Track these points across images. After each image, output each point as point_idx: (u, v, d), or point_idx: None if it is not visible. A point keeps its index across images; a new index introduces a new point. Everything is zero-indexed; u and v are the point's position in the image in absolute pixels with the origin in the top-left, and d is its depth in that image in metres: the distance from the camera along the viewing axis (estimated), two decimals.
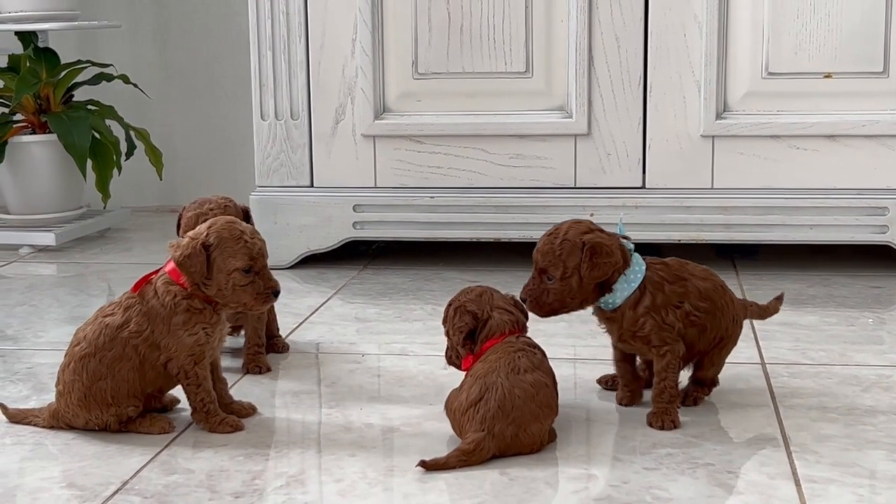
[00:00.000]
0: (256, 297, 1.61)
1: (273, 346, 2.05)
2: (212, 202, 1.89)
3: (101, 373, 1.62)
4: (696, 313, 1.65)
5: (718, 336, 1.69)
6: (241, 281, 1.60)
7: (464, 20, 2.55)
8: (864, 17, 2.44)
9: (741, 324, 1.73)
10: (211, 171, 3.45)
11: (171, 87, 3.44)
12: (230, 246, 1.59)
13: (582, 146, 2.55)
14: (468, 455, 1.48)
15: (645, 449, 1.56)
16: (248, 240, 1.60)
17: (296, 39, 2.60)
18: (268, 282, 1.62)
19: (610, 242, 1.62)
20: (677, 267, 1.68)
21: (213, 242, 1.59)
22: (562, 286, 1.62)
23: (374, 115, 2.60)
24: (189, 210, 1.90)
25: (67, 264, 2.82)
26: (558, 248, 1.61)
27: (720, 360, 1.73)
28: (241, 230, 1.61)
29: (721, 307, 1.68)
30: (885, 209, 2.47)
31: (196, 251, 1.59)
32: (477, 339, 1.63)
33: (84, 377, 1.62)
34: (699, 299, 1.66)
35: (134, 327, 1.62)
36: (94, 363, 1.62)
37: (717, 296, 1.68)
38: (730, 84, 2.51)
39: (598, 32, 2.51)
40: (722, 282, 1.71)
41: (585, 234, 1.62)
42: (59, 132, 2.92)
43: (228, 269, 1.59)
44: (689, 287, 1.66)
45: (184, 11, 3.40)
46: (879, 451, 1.54)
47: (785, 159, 2.51)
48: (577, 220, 1.65)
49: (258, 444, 1.60)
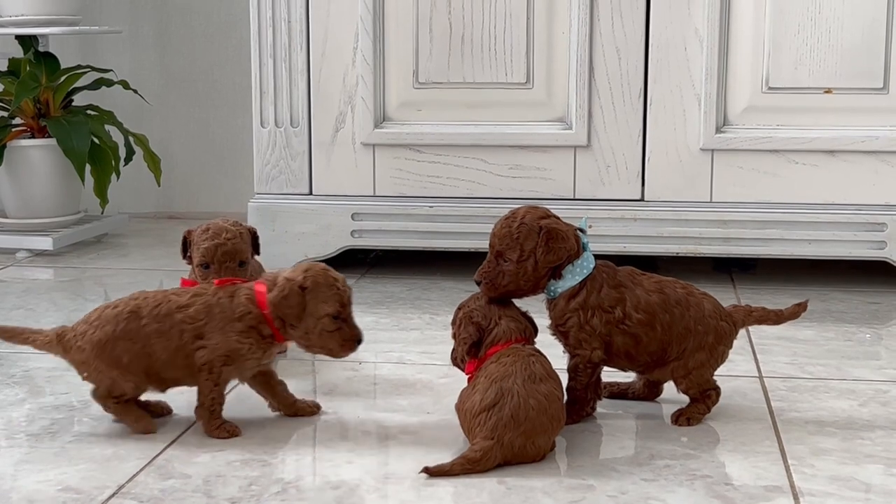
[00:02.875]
0: (343, 344, 1.65)
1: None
2: (228, 231, 1.85)
3: (134, 335, 1.64)
4: (627, 322, 1.65)
5: (665, 349, 1.66)
6: (329, 326, 1.63)
7: (465, 30, 2.55)
8: (865, 34, 2.44)
9: (724, 339, 1.69)
10: (209, 177, 3.45)
11: (171, 94, 3.44)
12: (323, 292, 1.62)
13: (581, 158, 2.56)
14: (474, 463, 1.48)
15: (643, 460, 1.56)
16: (340, 287, 1.64)
17: (297, 47, 2.60)
18: (353, 329, 1.65)
19: (566, 229, 1.65)
20: (625, 274, 1.69)
21: (309, 286, 1.62)
22: (517, 268, 1.64)
23: (374, 123, 2.60)
24: (204, 239, 1.85)
25: (64, 269, 2.82)
26: (516, 231, 1.64)
27: (688, 375, 1.68)
28: (334, 277, 1.64)
29: (666, 322, 1.65)
30: (884, 225, 2.48)
31: (294, 293, 1.62)
32: (482, 345, 1.63)
33: (118, 328, 1.64)
34: (635, 309, 1.65)
35: (192, 313, 1.65)
36: (135, 323, 1.64)
37: (661, 310, 1.65)
38: (730, 98, 2.51)
39: (599, 44, 2.51)
40: (682, 298, 1.67)
41: (542, 219, 1.65)
42: (59, 137, 2.92)
43: (319, 314, 1.62)
44: (627, 295, 1.66)
45: (185, 18, 3.40)
46: (877, 466, 1.54)
47: (784, 174, 2.51)
48: (534, 207, 1.68)
49: (255, 450, 1.60)
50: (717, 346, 1.69)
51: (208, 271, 1.84)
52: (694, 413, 1.70)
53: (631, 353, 1.68)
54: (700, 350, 1.68)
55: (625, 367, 1.72)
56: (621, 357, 1.69)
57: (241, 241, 1.85)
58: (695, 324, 1.67)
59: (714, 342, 1.68)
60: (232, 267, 1.84)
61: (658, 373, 1.71)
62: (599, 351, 1.67)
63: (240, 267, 1.85)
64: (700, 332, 1.67)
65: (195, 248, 1.86)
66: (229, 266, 1.84)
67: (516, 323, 1.64)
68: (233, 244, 1.84)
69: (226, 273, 1.83)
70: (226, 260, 1.84)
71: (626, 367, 1.72)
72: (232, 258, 1.84)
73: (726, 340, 1.70)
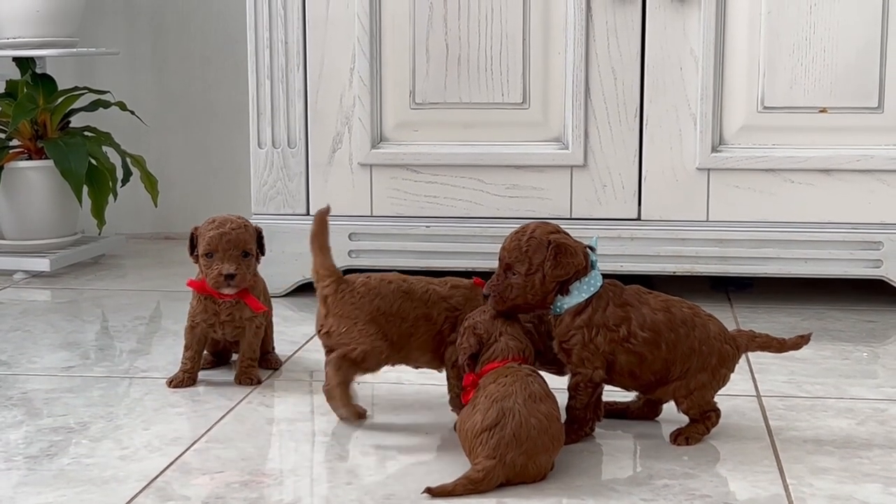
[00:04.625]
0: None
1: (266, 362, 2.10)
2: (233, 222, 1.93)
3: (406, 315, 1.76)
4: (632, 340, 1.65)
5: (669, 368, 1.67)
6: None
7: (461, 51, 2.56)
8: (859, 53, 2.45)
9: (727, 362, 1.69)
10: (207, 198, 3.45)
11: (169, 115, 3.45)
12: None
13: (578, 177, 2.56)
14: (476, 483, 1.48)
15: (642, 480, 1.56)
16: None
17: (294, 68, 2.61)
18: None
19: (574, 244, 1.67)
20: (631, 293, 1.69)
21: None
22: (525, 282, 1.66)
23: (371, 144, 2.61)
24: (209, 229, 1.93)
25: (62, 290, 2.81)
26: (525, 244, 1.66)
27: (689, 395, 1.68)
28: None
29: (671, 341, 1.66)
30: (880, 244, 2.48)
31: None
32: (480, 359, 1.64)
33: (394, 305, 1.76)
34: (640, 328, 1.65)
35: (453, 303, 1.78)
36: (408, 304, 1.76)
37: (667, 329, 1.66)
38: (725, 118, 2.52)
39: (594, 65, 2.52)
40: (688, 318, 1.67)
41: (552, 234, 1.67)
42: (56, 158, 2.93)
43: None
44: (633, 313, 1.66)
45: (182, 39, 3.41)
46: (875, 485, 1.55)
47: (780, 193, 2.52)
48: (545, 222, 1.70)
49: (254, 471, 1.60)
50: (719, 368, 1.69)
51: (212, 260, 1.92)
52: (693, 433, 1.70)
53: (635, 372, 1.68)
54: (703, 371, 1.68)
55: (628, 385, 1.72)
56: (625, 376, 1.69)
57: (245, 232, 1.94)
58: (699, 344, 1.67)
59: (717, 364, 1.68)
60: (236, 255, 1.92)
61: (660, 392, 1.71)
62: (601, 371, 1.67)
63: (244, 257, 1.93)
64: (704, 353, 1.67)
65: (201, 239, 1.93)
66: (233, 254, 1.92)
67: (516, 342, 1.65)
68: (236, 234, 1.92)
69: (230, 260, 1.90)
70: (230, 248, 1.91)
71: (629, 385, 1.72)
72: (235, 246, 1.92)
73: (729, 364, 1.70)
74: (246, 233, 1.93)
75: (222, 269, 1.92)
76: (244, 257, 1.93)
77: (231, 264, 1.92)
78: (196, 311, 1.99)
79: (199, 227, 1.95)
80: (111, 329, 2.45)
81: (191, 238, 1.96)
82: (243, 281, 1.94)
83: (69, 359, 2.19)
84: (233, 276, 1.92)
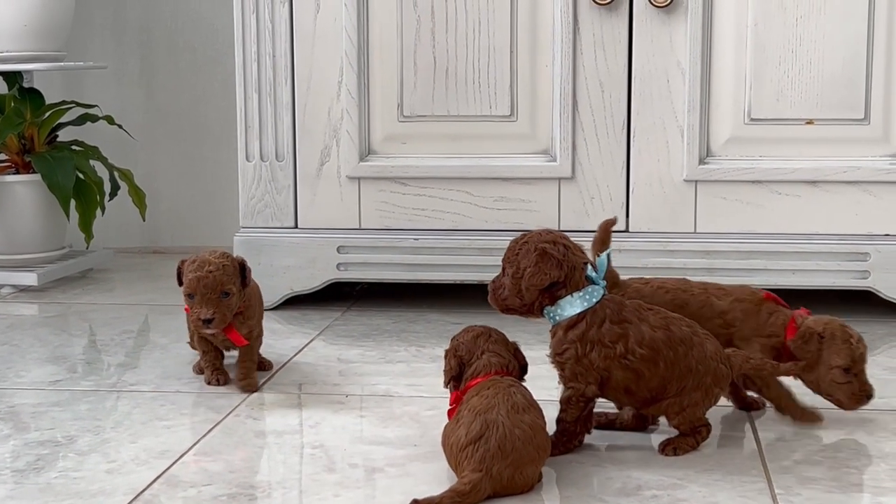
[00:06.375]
0: (851, 397, 1.78)
1: (258, 365, 2.14)
2: (211, 264, 1.95)
3: None
4: (629, 357, 1.65)
5: (665, 386, 1.67)
6: (839, 378, 1.77)
7: (449, 64, 2.56)
8: (846, 65, 2.47)
9: (721, 382, 1.69)
10: (195, 212, 3.45)
11: (156, 129, 3.45)
12: (837, 344, 1.77)
13: (566, 190, 2.57)
14: (463, 496, 1.47)
15: (631, 490, 1.56)
16: (854, 343, 1.78)
17: (282, 82, 2.61)
18: (863, 385, 1.79)
19: (560, 256, 1.65)
20: (632, 308, 1.68)
21: (825, 336, 1.77)
22: (511, 284, 1.67)
23: (359, 157, 2.61)
24: (189, 270, 1.96)
25: (49, 304, 2.81)
26: (518, 247, 1.68)
27: (681, 412, 1.68)
28: (850, 333, 1.78)
29: (669, 359, 1.65)
30: (867, 255, 2.49)
31: (813, 339, 1.77)
32: (463, 378, 1.65)
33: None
34: (638, 344, 1.65)
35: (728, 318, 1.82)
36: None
37: (665, 347, 1.65)
38: (712, 130, 2.53)
39: (582, 77, 2.53)
40: (687, 336, 1.67)
41: (545, 242, 1.66)
42: (43, 172, 2.92)
43: (831, 364, 1.76)
44: (630, 330, 1.65)
45: (170, 53, 3.42)
46: (863, 494, 1.55)
47: (767, 204, 2.52)
48: (550, 230, 1.70)
49: (241, 483, 1.59)
50: (713, 387, 1.69)
51: (193, 301, 1.96)
52: (681, 444, 1.70)
53: (631, 388, 1.67)
54: (697, 390, 1.67)
55: (622, 401, 1.72)
56: (620, 391, 1.68)
57: (224, 273, 1.95)
58: (696, 363, 1.67)
59: (711, 384, 1.68)
60: (213, 298, 1.95)
61: (653, 409, 1.71)
62: (594, 386, 1.67)
63: (224, 297, 1.96)
64: (700, 373, 1.67)
65: (184, 279, 1.98)
66: (210, 297, 1.95)
67: (498, 358, 1.66)
68: (214, 276, 1.94)
69: (208, 304, 1.94)
70: (207, 291, 1.95)
71: (623, 401, 1.72)
72: (213, 290, 1.95)
73: (722, 383, 1.70)
74: (224, 274, 1.95)
75: (200, 314, 1.95)
76: (224, 297, 1.96)
77: (209, 308, 1.95)
78: (198, 327, 2.02)
79: (184, 262, 1.99)
80: (99, 343, 2.45)
81: (178, 272, 2.00)
82: (222, 322, 1.97)
83: (56, 373, 2.18)
84: (210, 321, 1.96)
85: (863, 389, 1.78)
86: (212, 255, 1.98)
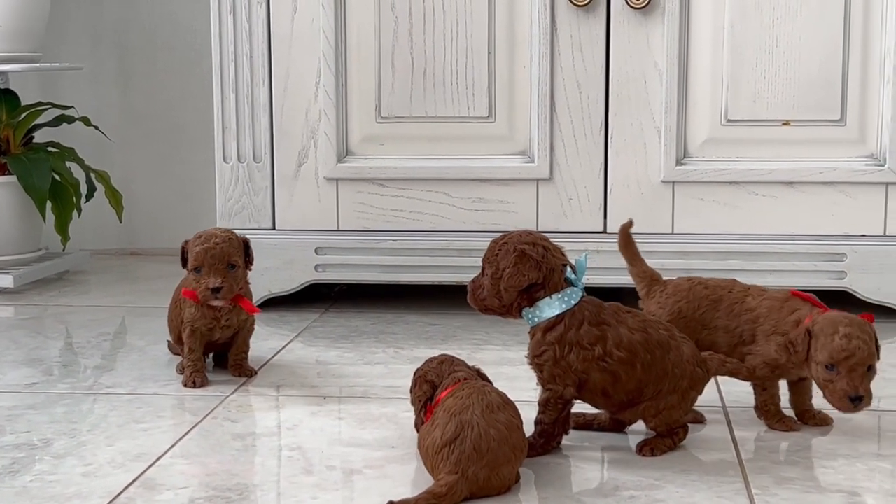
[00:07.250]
0: (834, 395, 1.68)
1: (244, 372, 2.18)
2: (217, 236, 2.02)
3: (708, 323, 1.83)
4: (607, 359, 1.65)
5: (642, 389, 1.67)
6: (822, 375, 1.68)
7: (427, 65, 2.56)
8: (822, 67, 2.48)
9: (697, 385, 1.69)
10: (172, 213, 3.44)
11: (133, 130, 3.43)
12: (821, 340, 1.68)
13: (544, 191, 2.57)
14: (439, 498, 1.47)
15: (608, 491, 1.56)
16: (837, 339, 1.66)
17: (259, 82, 2.61)
18: (850, 385, 1.67)
19: (539, 258, 1.65)
20: (610, 312, 1.68)
21: (814, 332, 1.70)
22: (490, 284, 1.68)
23: (336, 158, 2.60)
24: (195, 245, 2.02)
25: (25, 307, 2.79)
26: (498, 248, 1.68)
27: (658, 415, 1.69)
28: (837, 329, 1.68)
29: (647, 362, 1.65)
30: (843, 255, 2.50)
31: (802, 335, 1.71)
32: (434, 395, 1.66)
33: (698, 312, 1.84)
34: (616, 346, 1.65)
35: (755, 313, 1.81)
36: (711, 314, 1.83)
37: (643, 350, 1.66)
38: (690, 131, 2.54)
39: (559, 79, 2.53)
40: (664, 340, 1.67)
41: (524, 244, 1.67)
42: (19, 174, 2.91)
43: (816, 360, 1.69)
44: (609, 333, 1.66)
45: (147, 54, 3.40)
46: (839, 494, 1.55)
47: (744, 205, 2.53)
48: (530, 232, 1.70)
49: (219, 486, 1.59)
50: (689, 391, 1.69)
51: (200, 274, 2.01)
52: (659, 444, 1.71)
53: (608, 391, 1.67)
54: (673, 393, 1.68)
55: (599, 404, 1.72)
56: (597, 394, 1.68)
57: (230, 246, 2.02)
58: (672, 367, 1.67)
59: (688, 387, 1.69)
60: (221, 268, 2.01)
61: (629, 413, 1.71)
62: (572, 388, 1.67)
63: (230, 269, 2.02)
64: (676, 376, 1.67)
65: (190, 254, 2.02)
66: (218, 268, 2.01)
67: (465, 372, 1.67)
68: (221, 248, 2.01)
69: (216, 274, 2.00)
70: (215, 262, 2.01)
71: (600, 404, 1.71)
72: (220, 260, 2.01)
73: (698, 387, 1.71)
74: (230, 246, 2.02)
75: (209, 283, 2.01)
76: (230, 269, 2.02)
77: (217, 278, 2.01)
78: (195, 318, 2.07)
79: (188, 242, 2.04)
80: (75, 345, 2.43)
81: (182, 252, 2.05)
82: (230, 292, 2.03)
83: (32, 375, 2.17)
84: (219, 290, 2.01)
85: (844, 390, 1.65)
86: (216, 230, 2.05)
